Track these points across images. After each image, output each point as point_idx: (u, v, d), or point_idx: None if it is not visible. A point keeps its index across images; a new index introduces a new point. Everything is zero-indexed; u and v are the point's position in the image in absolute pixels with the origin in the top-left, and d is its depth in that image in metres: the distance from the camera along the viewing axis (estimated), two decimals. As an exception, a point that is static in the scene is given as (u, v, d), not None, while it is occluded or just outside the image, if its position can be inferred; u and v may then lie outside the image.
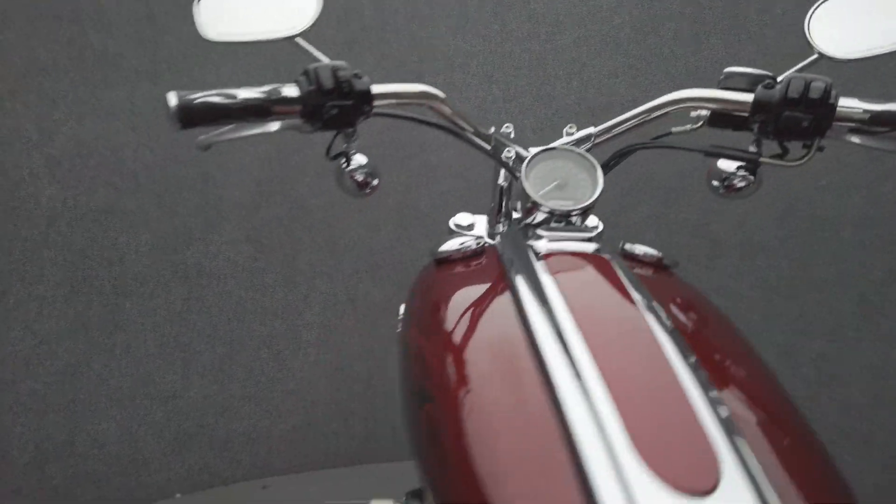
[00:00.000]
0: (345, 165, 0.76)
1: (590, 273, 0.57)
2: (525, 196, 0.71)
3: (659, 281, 0.63)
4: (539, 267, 0.57)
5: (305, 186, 1.91)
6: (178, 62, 1.78)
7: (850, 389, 1.66)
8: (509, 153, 0.78)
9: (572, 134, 0.78)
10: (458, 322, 0.57)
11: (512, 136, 0.80)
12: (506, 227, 0.86)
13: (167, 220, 1.81)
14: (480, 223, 0.96)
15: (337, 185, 0.78)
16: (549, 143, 0.78)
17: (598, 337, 0.47)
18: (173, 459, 1.87)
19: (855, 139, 0.66)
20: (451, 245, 0.72)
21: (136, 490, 1.84)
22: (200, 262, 1.85)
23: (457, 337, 0.55)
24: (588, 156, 0.73)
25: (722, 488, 0.36)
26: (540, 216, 0.71)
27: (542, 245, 0.64)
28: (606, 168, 0.78)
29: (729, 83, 0.69)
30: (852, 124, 0.63)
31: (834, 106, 0.62)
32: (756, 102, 0.65)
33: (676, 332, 0.48)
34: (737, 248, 1.86)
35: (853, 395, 1.64)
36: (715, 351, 0.52)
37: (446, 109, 0.75)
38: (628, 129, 0.76)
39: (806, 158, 0.66)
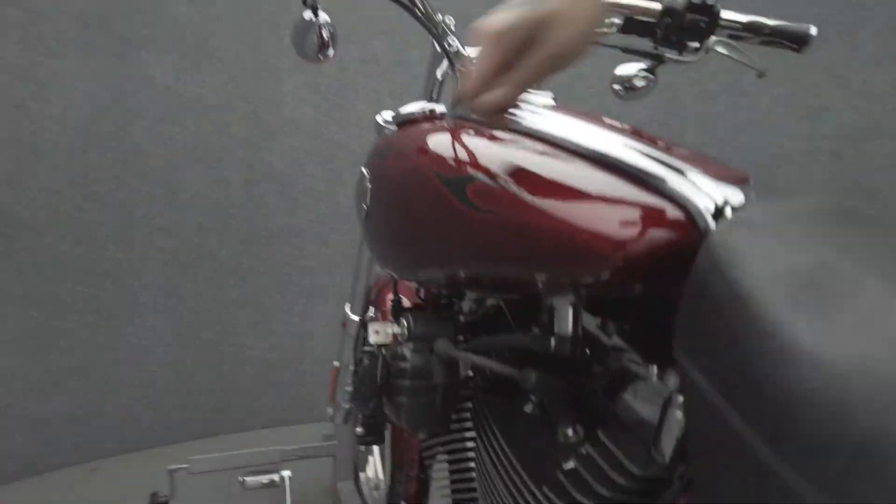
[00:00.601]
0: (314, 18, 0.75)
1: (561, 107, 0.65)
2: None
3: None
4: (514, 109, 0.63)
5: (143, 131, 1.72)
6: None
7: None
8: (452, 43, 0.81)
9: None
10: (456, 137, 0.61)
11: (453, 28, 0.85)
12: None
13: (-33, 155, 1.49)
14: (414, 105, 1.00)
15: (294, 45, 0.76)
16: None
17: (596, 122, 0.55)
18: (-32, 449, 1.53)
19: (733, 52, 0.85)
20: (411, 108, 0.78)
21: None
22: (11, 209, 1.55)
23: (465, 142, 0.59)
24: None
25: (753, 181, 0.46)
26: None
27: None
28: None
29: None
30: (732, 31, 0.83)
31: (718, 12, 0.82)
32: (664, 8, 0.82)
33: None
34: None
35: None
36: None
37: None
38: None
39: (700, 55, 0.84)
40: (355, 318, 1.15)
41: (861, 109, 1.67)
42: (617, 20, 0.86)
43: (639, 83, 0.89)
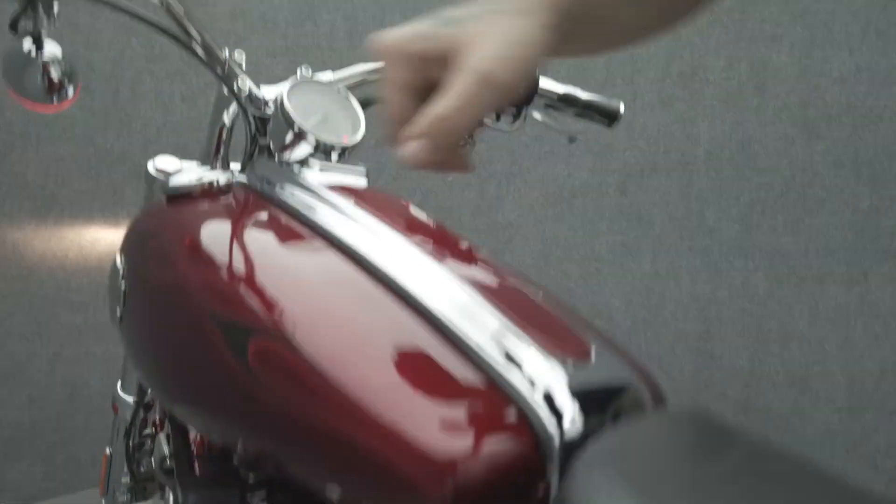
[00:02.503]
0: (34, 52, 0.57)
1: (380, 200, 0.53)
2: (283, 129, 0.62)
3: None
4: (323, 192, 0.51)
5: None
6: None
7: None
8: (243, 84, 0.67)
9: (308, 77, 0.71)
10: (243, 247, 0.48)
11: (244, 66, 0.70)
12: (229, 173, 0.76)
13: None
14: (191, 170, 0.85)
15: (8, 84, 0.57)
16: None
17: (424, 242, 0.45)
18: None
19: (548, 119, 0.85)
20: (186, 178, 0.61)
21: None
22: None
23: (254, 260, 0.46)
24: (349, 95, 0.69)
25: (595, 355, 0.37)
26: (300, 151, 0.63)
27: (316, 176, 0.58)
28: None
29: None
30: (549, 100, 0.81)
31: (538, 81, 0.80)
32: None
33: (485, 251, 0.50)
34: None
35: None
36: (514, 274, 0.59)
37: (178, 9, 0.62)
38: (365, 81, 0.76)
39: (518, 124, 0.82)
40: (129, 398, 0.93)
41: (643, 149, 1.91)
42: None
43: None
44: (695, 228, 1.98)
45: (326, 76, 0.73)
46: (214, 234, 0.51)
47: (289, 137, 0.62)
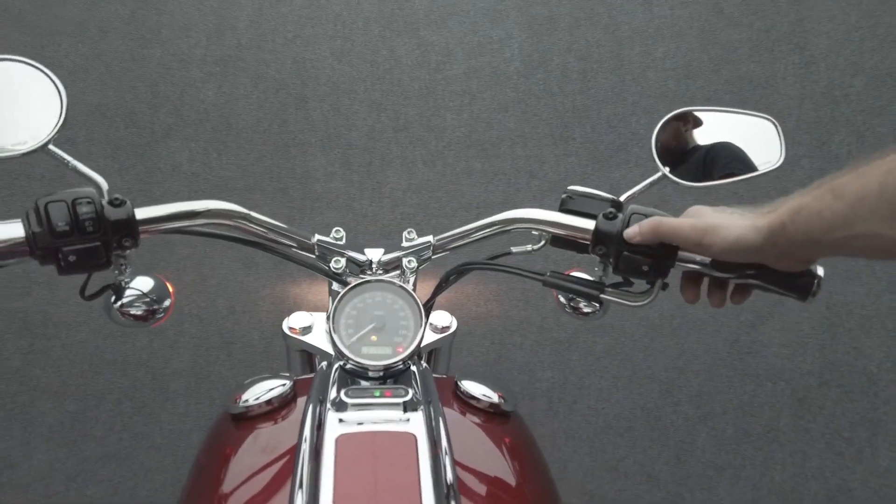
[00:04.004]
0: (115, 301, 0.65)
1: (381, 458, 0.54)
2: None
3: (484, 432, 0.64)
4: (328, 447, 0.54)
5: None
6: None
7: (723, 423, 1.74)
8: (338, 264, 0.68)
9: (412, 240, 0.71)
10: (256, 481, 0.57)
11: (343, 240, 0.71)
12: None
13: None
14: (319, 323, 0.87)
15: (108, 320, 0.66)
16: (390, 245, 0.71)
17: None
18: (12, 536, 1.63)
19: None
20: (252, 395, 0.65)
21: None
22: (45, 309, 1.62)
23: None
24: (412, 294, 0.65)
25: None
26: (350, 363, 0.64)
27: (346, 416, 0.57)
28: (440, 288, 0.73)
29: (571, 205, 0.64)
30: (695, 266, 0.59)
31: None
32: (596, 233, 0.60)
33: None
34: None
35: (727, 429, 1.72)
36: None
37: (253, 226, 0.65)
38: (467, 244, 0.70)
39: (649, 299, 0.61)
40: None
41: None
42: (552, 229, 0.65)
43: (585, 308, 0.73)
44: None
45: (426, 240, 0.70)
46: (243, 465, 0.62)
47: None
